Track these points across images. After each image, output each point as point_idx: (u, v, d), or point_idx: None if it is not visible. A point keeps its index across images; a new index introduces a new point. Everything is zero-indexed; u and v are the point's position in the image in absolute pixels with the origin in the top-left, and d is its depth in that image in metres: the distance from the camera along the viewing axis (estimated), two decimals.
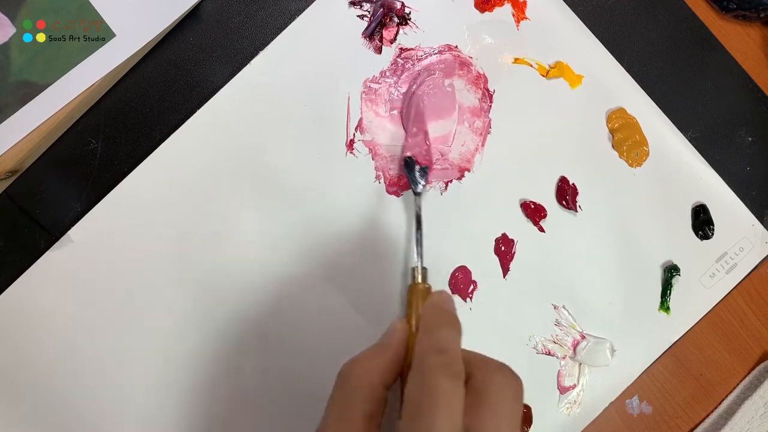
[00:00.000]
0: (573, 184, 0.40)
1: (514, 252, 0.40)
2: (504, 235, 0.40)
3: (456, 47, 0.39)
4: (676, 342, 0.42)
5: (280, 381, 0.38)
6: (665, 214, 0.41)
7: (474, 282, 0.40)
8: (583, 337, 0.40)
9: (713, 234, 0.41)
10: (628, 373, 0.41)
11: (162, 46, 0.37)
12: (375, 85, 0.39)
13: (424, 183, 0.38)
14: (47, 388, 0.37)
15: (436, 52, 0.39)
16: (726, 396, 0.42)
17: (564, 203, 0.40)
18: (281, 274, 0.38)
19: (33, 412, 0.37)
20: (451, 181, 0.39)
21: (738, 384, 0.42)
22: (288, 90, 0.38)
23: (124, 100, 0.37)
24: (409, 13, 0.39)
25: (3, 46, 0.34)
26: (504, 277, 0.40)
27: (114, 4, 0.35)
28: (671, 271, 0.41)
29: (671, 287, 0.41)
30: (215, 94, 0.38)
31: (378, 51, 0.39)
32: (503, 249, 0.40)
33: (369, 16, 0.39)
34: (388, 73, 0.39)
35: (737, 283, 0.42)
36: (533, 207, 0.40)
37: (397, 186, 0.39)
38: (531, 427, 0.40)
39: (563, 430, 0.40)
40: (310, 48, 0.38)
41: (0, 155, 0.35)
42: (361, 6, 0.39)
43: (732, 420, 0.41)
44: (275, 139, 0.38)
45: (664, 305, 0.41)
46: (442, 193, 0.39)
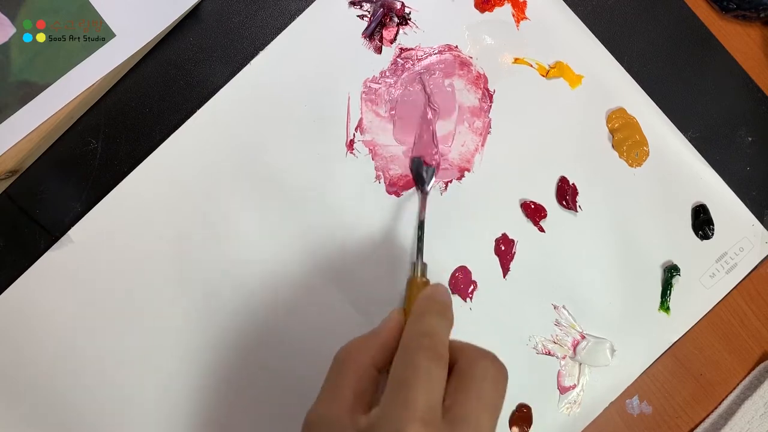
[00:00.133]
0: (573, 184, 0.40)
1: (514, 252, 0.40)
2: (504, 235, 0.40)
3: (456, 47, 0.39)
4: (676, 342, 0.42)
5: (280, 381, 0.38)
6: (665, 214, 0.41)
7: (474, 282, 0.40)
8: (583, 337, 0.40)
9: (713, 234, 0.41)
10: (628, 373, 0.41)
11: (162, 46, 0.37)
12: (375, 85, 0.39)
13: (431, 183, 0.39)
14: (47, 388, 0.37)
15: (436, 52, 0.39)
16: (726, 396, 0.42)
17: (564, 203, 0.40)
18: (281, 274, 0.38)
19: (33, 412, 0.37)
20: (451, 181, 0.39)
21: (738, 384, 0.42)
22: (288, 90, 0.38)
23: (124, 100, 0.37)
24: (409, 13, 0.39)
25: (3, 46, 0.34)
26: (504, 277, 0.40)
27: (114, 4, 0.35)
28: (671, 271, 0.41)
29: (671, 287, 0.41)
30: (215, 94, 0.38)
31: (378, 51, 0.39)
32: (503, 249, 0.40)
33: (369, 16, 0.39)
34: (388, 73, 0.39)
35: (737, 283, 0.42)
36: (533, 207, 0.40)
37: (397, 186, 0.39)
38: (531, 427, 0.40)
39: (563, 430, 0.40)
40: (310, 48, 0.38)
41: (0, 155, 0.35)
42: (361, 6, 0.39)
43: (732, 420, 0.41)
44: (275, 139, 0.38)
45: (664, 305, 0.41)
46: (442, 193, 0.39)
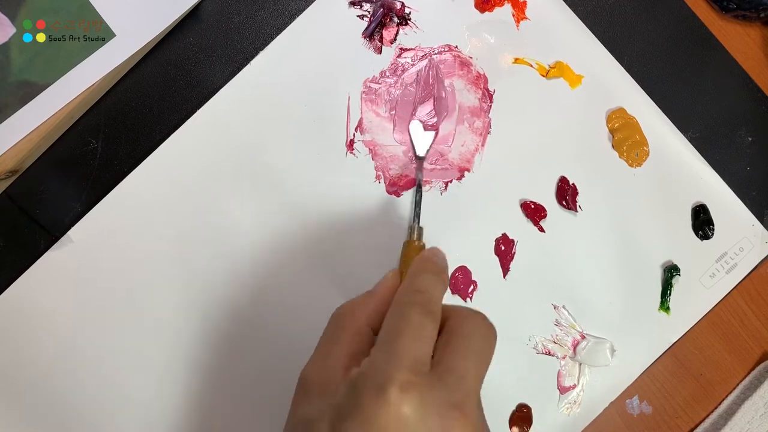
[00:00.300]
0: (573, 184, 0.40)
1: (514, 252, 0.40)
2: (504, 235, 0.40)
3: (456, 47, 0.39)
4: (676, 342, 0.42)
5: (280, 381, 0.38)
6: (665, 214, 0.41)
7: (474, 282, 0.40)
8: (583, 337, 0.40)
9: (713, 234, 0.41)
10: (628, 373, 0.41)
11: (162, 46, 0.37)
12: (375, 85, 0.39)
13: (428, 147, 0.39)
14: (47, 388, 0.37)
15: (436, 52, 0.39)
16: (726, 396, 0.42)
17: (564, 203, 0.40)
18: (281, 274, 0.38)
19: (33, 412, 0.37)
20: (451, 181, 0.39)
21: (738, 384, 0.42)
22: (288, 90, 0.38)
23: (124, 100, 0.37)
24: (409, 13, 0.39)
25: (3, 46, 0.34)
26: (504, 277, 0.40)
27: (114, 4, 0.35)
28: (671, 271, 0.41)
29: (671, 287, 0.41)
30: (215, 94, 0.38)
31: (378, 51, 0.39)
32: (503, 249, 0.40)
33: (369, 16, 0.39)
34: (388, 73, 0.39)
35: (737, 283, 0.42)
36: (533, 207, 0.40)
37: (397, 186, 0.39)
38: (531, 427, 0.40)
39: (563, 430, 0.40)
40: (310, 48, 0.38)
41: (0, 155, 0.35)
42: (361, 6, 0.39)
43: (732, 420, 0.41)
44: (275, 139, 0.38)
45: (664, 305, 0.41)
46: (442, 193, 0.39)
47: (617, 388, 0.41)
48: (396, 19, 0.39)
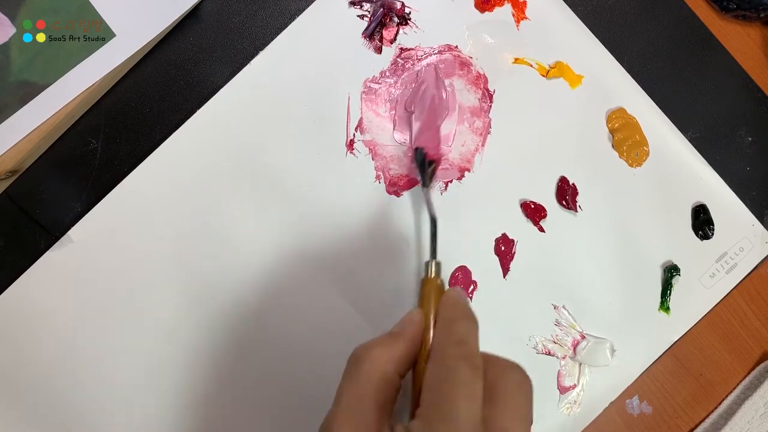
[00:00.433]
0: (573, 184, 0.40)
1: (514, 252, 0.40)
2: (504, 235, 0.40)
3: (456, 47, 0.39)
4: (676, 342, 0.42)
5: (280, 382, 0.38)
6: (665, 214, 0.41)
7: (474, 282, 0.40)
8: (583, 337, 0.40)
9: (713, 234, 0.41)
10: (628, 373, 0.41)
11: (162, 46, 0.37)
12: (375, 85, 0.39)
13: (433, 177, 0.38)
14: (47, 388, 0.37)
15: (436, 52, 0.39)
16: (726, 396, 0.42)
17: (564, 203, 0.40)
18: (281, 274, 0.38)
19: (33, 412, 0.37)
20: (451, 181, 0.39)
21: (738, 384, 0.42)
22: (288, 90, 0.38)
23: (124, 100, 0.37)
24: (409, 13, 0.39)
25: (3, 46, 0.34)
26: (504, 277, 0.40)
27: (114, 4, 0.35)
28: (671, 271, 0.41)
29: (671, 287, 0.41)
30: (215, 94, 0.38)
31: (378, 51, 0.39)
32: (503, 249, 0.40)
33: (369, 16, 0.39)
34: (388, 73, 0.39)
35: (737, 283, 0.42)
36: (533, 207, 0.40)
37: (397, 186, 0.39)
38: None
39: (563, 430, 0.40)
40: (310, 48, 0.38)
41: (0, 155, 0.35)
42: (361, 6, 0.39)
43: (732, 420, 0.41)
44: (275, 140, 0.38)
45: (664, 305, 0.41)
46: (442, 193, 0.39)
47: (617, 388, 0.41)
48: (396, 19, 0.39)
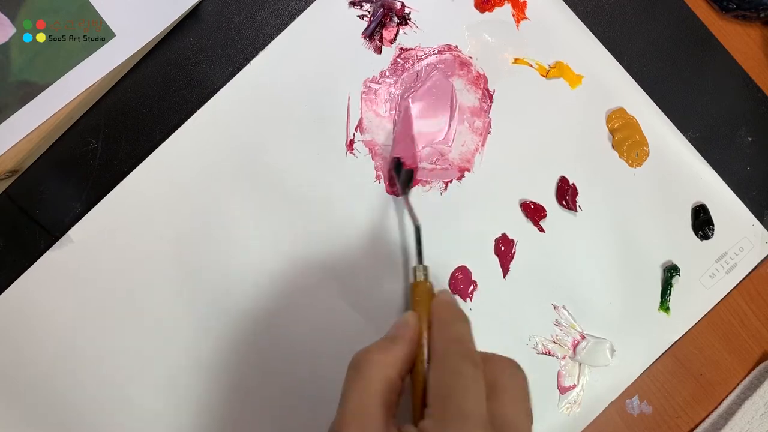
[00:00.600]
0: (573, 184, 0.40)
1: (514, 252, 0.40)
2: (504, 235, 0.40)
3: (456, 47, 0.39)
4: (676, 342, 0.42)
5: (280, 382, 0.38)
6: (665, 214, 0.41)
7: (474, 282, 0.40)
8: (583, 337, 0.40)
9: (713, 234, 0.41)
10: (628, 373, 0.41)
11: (162, 46, 0.37)
12: (375, 85, 0.39)
13: (409, 186, 0.38)
14: (47, 388, 0.37)
15: (436, 52, 0.39)
16: (726, 396, 0.42)
17: (564, 203, 0.40)
18: (281, 274, 0.38)
19: (33, 412, 0.37)
20: (451, 181, 0.39)
21: (738, 384, 0.42)
22: (288, 90, 0.38)
23: (124, 100, 0.37)
24: (409, 13, 0.39)
25: (3, 46, 0.34)
26: (504, 277, 0.40)
27: (114, 4, 0.35)
28: (671, 271, 0.41)
29: (671, 287, 0.41)
30: (215, 94, 0.38)
31: (378, 51, 0.39)
32: (503, 249, 0.40)
33: (369, 16, 0.39)
34: (388, 73, 0.39)
35: (737, 283, 0.42)
36: (533, 207, 0.40)
37: (398, 186, 0.39)
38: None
39: (563, 430, 0.40)
40: (310, 48, 0.38)
41: (0, 155, 0.35)
42: (361, 6, 0.39)
43: (732, 420, 0.41)
44: (275, 140, 0.38)
45: (664, 305, 0.41)
46: (442, 193, 0.39)
47: (617, 388, 0.41)
48: (396, 19, 0.39)
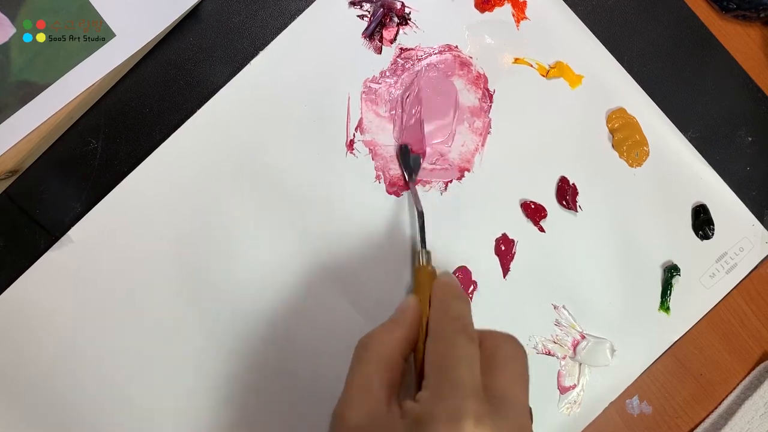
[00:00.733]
0: (573, 184, 0.40)
1: (514, 252, 0.40)
2: (504, 235, 0.40)
3: (456, 47, 0.39)
4: (676, 342, 0.42)
5: (281, 381, 0.38)
6: (665, 214, 0.41)
7: (474, 282, 0.40)
8: (583, 337, 0.40)
9: (713, 234, 0.41)
10: (628, 373, 0.41)
11: (162, 46, 0.37)
12: (375, 85, 0.39)
13: (417, 172, 0.39)
14: (47, 388, 0.37)
15: (436, 52, 0.39)
16: (726, 396, 0.42)
17: (564, 203, 0.40)
18: (281, 274, 0.38)
19: (33, 412, 0.37)
20: (451, 181, 0.39)
21: (738, 384, 0.42)
22: (288, 90, 0.38)
23: (124, 100, 0.37)
24: (409, 13, 0.39)
25: (3, 46, 0.34)
26: (504, 277, 0.40)
27: (114, 4, 0.35)
28: (671, 271, 0.41)
29: (671, 287, 0.41)
30: (215, 94, 0.38)
31: (378, 51, 0.39)
32: (503, 249, 0.40)
33: (369, 16, 0.39)
34: (388, 73, 0.39)
35: (737, 283, 0.42)
36: (533, 207, 0.40)
37: (397, 186, 0.39)
38: None
39: (563, 430, 0.40)
40: (310, 48, 0.38)
41: (0, 155, 0.35)
42: (361, 6, 0.39)
43: (732, 420, 0.41)
44: (275, 140, 0.38)
45: (664, 305, 0.41)
46: (442, 193, 0.39)
47: (617, 388, 0.41)
48: (396, 19, 0.39)
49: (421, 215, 0.37)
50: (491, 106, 0.40)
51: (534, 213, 0.40)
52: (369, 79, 0.39)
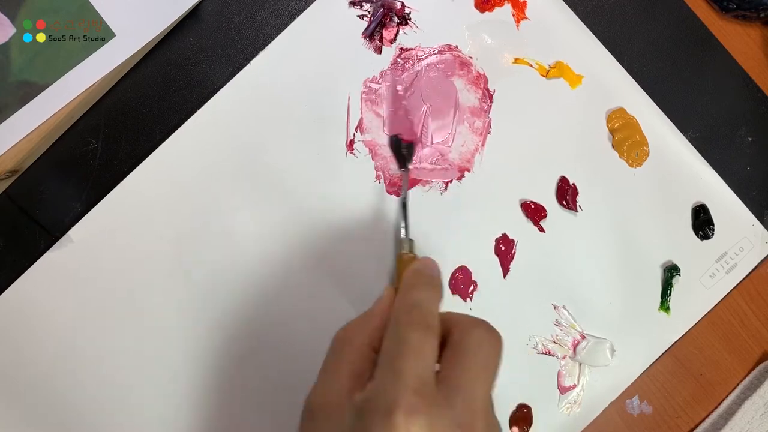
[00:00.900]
0: (573, 184, 0.40)
1: (514, 252, 0.40)
2: (504, 235, 0.40)
3: (456, 47, 0.39)
4: (676, 342, 0.42)
5: (281, 382, 0.38)
6: (665, 214, 0.41)
7: (474, 282, 0.40)
8: (583, 337, 0.40)
9: (713, 234, 0.41)
10: (628, 373, 0.41)
11: (162, 46, 0.37)
12: (375, 85, 0.39)
13: (411, 159, 0.39)
14: (47, 388, 0.37)
15: (436, 52, 0.39)
16: (726, 396, 0.42)
17: (564, 203, 0.40)
18: (281, 273, 0.38)
19: (33, 412, 0.37)
20: (451, 181, 0.39)
21: (738, 384, 0.42)
22: (288, 90, 0.38)
23: (124, 100, 0.37)
24: (409, 13, 0.39)
25: (3, 46, 0.34)
26: (504, 277, 0.40)
27: (114, 4, 0.35)
28: (671, 271, 0.41)
29: (671, 287, 0.41)
30: (215, 94, 0.38)
31: (378, 51, 0.39)
32: (503, 249, 0.40)
33: (369, 16, 0.39)
34: (388, 73, 0.39)
35: (737, 283, 0.42)
36: (533, 207, 0.40)
37: (397, 186, 0.39)
38: (531, 427, 0.40)
39: (563, 430, 0.40)
40: (310, 48, 0.38)
41: (0, 155, 0.35)
42: (361, 6, 0.39)
43: (732, 420, 0.41)
44: (275, 140, 0.38)
45: (664, 305, 0.41)
46: (442, 193, 0.39)
47: (617, 388, 0.41)
48: (396, 19, 0.39)
49: (405, 205, 0.37)
50: (491, 106, 0.40)
51: (534, 213, 0.40)
52: (369, 79, 0.39)
